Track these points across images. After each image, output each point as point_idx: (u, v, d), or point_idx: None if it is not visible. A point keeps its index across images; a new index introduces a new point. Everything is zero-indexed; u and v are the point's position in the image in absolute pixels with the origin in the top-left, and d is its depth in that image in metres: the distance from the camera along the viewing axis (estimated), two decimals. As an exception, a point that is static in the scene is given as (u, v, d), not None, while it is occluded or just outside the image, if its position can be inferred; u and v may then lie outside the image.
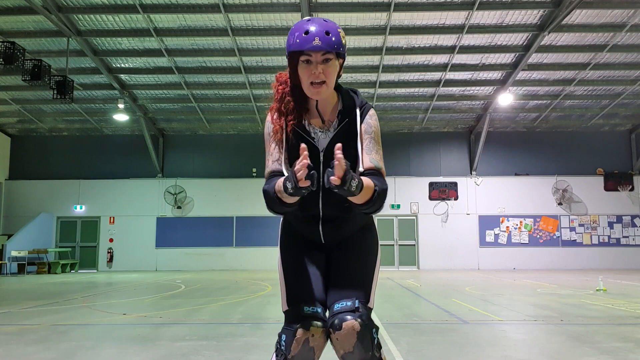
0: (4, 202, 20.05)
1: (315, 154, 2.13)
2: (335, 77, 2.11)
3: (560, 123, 20.13)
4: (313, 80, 2.04)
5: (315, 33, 1.99)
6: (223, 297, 9.64)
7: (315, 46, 1.98)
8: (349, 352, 1.98)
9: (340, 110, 2.20)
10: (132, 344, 5.13)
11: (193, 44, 15.30)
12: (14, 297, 10.05)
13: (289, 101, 2.16)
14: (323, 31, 2.00)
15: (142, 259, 19.66)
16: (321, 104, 2.16)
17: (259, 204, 19.06)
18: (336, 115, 2.19)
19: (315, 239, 2.26)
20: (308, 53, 2.01)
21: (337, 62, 2.08)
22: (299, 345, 2.00)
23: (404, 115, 19.60)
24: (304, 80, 2.06)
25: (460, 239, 19.61)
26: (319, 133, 2.18)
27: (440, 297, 9.51)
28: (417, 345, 5.00)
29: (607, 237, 19.73)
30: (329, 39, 2.00)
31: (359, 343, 1.97)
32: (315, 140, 2.17)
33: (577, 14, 13.88)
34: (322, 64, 2.02)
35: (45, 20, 13.71)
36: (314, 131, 2.19)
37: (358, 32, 14.66)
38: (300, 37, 2.00)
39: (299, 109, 2.16)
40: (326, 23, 2.04)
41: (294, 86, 2.14)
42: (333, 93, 2.18)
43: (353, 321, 1.97)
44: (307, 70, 2.03)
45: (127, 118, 18.75)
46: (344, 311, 2.01)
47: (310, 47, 1.99)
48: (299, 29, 2.03)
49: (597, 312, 7.31)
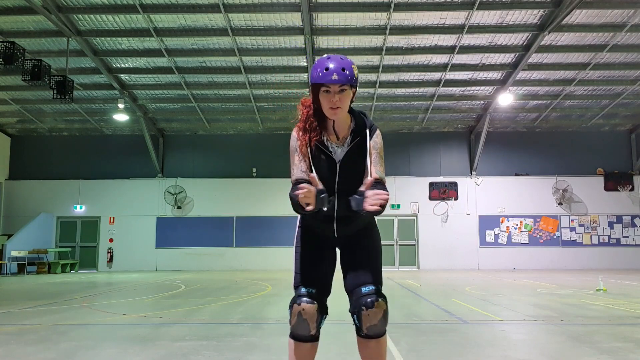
0: (4, 202, 20.06)
1: (332, 165, 2.65)
2: (349, 103, 2.60)
3: (560, 123, 20.13)
4: (331, 106, 2.53)
5: (333, 69, 2.48)
6: (223, 297, 9.64)
7: (333, 80, 2.48)
8: (374, 325, 2.59)
9: (353, 129, 2.69)
10: (132, 344, 5.13)
11: (193, 44, 15.30)
12: (14, 297, 10.05)
13: (312, 121, 2.67)
14: (340, 68, 2.48)
15: (142, 259, 19.66)
16: (337, 124, 2.67)
17: (259, 204, 19.15)
18: (349, 133, 2.68)
19: (329, 234, 2.76)
20: (327, 85, 2.50)
21: (351, 91, 2.57)
22: (294, 317, 2.63)
23: (404, 115, 19.59)
24: (324, 105, 2.56)
25: (460, 239, 19.62)
26: (335, 147, 2.69)
27: (440, 297, 9.51)
28: (417, 345, 5.00)
29: (607, 237, 19.73)
30: (344, 74, 2.48)
31: (382, 319, 2.61)
32: (333, 153, 2.67)
33: (577, 14, 13.88)
34: (338, 94, 2.51)
35: (45, 20, 13.72)
36: (331, 146, 2.69)
37: (358, 32, 14.66)
38: (322, 72, 2.50)
39: (319, 128, 2.67)
40: (342, 60, 2.52)
41: (316, 109, 2.65)
42: (347, 115, 2.67)
43: (382, 302, 2.61)
44: (326, 98, 2.53)
45: (127, 118, 18.75)
46: (372, 294, 2.60)
47: (329, 80, 2.48)
48: (320, 65, 2.52)
49: (597, 312, 7.31)
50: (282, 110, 19.14)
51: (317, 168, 2.65)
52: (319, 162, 2.64)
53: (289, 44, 15.32)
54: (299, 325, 2.62)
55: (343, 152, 2.66)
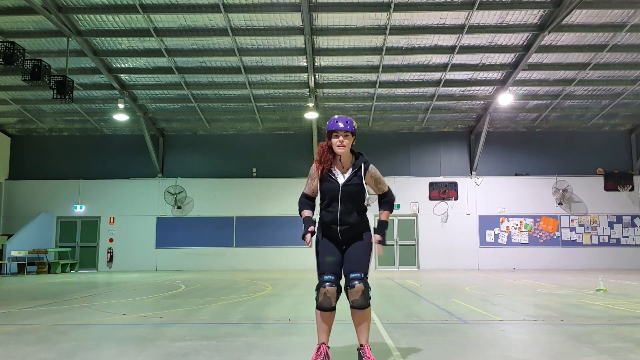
0: (4, 202, 20.06)
1: (336, 186, 4.00)
2: (351, 145, 4.01)
3: (560, 123, 20.13)
4: (338, 145, 3.96)
5: (341, 122, 3.97)
6: (223, 297, 9.64)
7: (340, 127, 3.95)
8: (355, 299, 3.88)
9: (353, 164, 4.08)
10: (132, 344, 5.13)
11: (193, 44, 15.30)
12: (14, 297, 10.05)
13: (326, 158, 4.03)
14: (345, 121, 3.97)
15: (142, 259, 19.67)
16: (342, 159, 4.04)
17: (259, 204, 19.10)
18: (350, 166, 4.07)
19: (335, 237, 4.07)
20: (337, 132, 3.96)
21: (352, 137, 4.00)
22: (321, 296, 3.91)
23: (404, 115, 19.59)
24: (334, 145, 3.98)
25: (460, 239, 19.62)
26: (340, 175, 4.05)
27: (440, 297, 9.51)
28: (417, 345, 5.00)
29: (607, 237, 19.73)
30: (347, 126, 3.96)
31: (362, 296, 3.89)
32: (338, 179, 4.03)
33: (577, 14, 13.88)
34: (343, 137, 3.95)
35: (45, 20, 13.72)
36: (337, 174, 4.05)
37: (358, 32, 14.66)
38: (333, 124, 3.98)
39: (329, 161, 4.03)
40: (347, 118, 4.01)
41: (329, 148, 4.03)
42: (349, 154, 4.07)
43: (361, 284, 3.89)
44: (336, 140, 3.97)
45: (127, 118, 18.74)
46: (356, 279, 3.91)
47: (338, 128, 3.96)
48: (332, 120, 4.01)
49: (597, 312, 7.31)
50: (282, 110, 19.14)
51: (326, 188, 4.03)
52: (328, 184, 4.02)
53: (289, 44, 15.32)
54: (324, 301, 3.90)
55: (344, 179, 4.02)
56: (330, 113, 19.19)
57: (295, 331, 5.81)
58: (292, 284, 12.67)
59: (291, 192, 19.93)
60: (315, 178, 4.04)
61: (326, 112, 19.03)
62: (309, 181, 4.10)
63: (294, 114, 19.20)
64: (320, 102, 18.36)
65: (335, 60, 16.12)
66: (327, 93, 18.07)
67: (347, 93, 18.04)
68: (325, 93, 18.06)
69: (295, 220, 19.72)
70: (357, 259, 3.98)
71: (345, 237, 4.02)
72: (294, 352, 4.71)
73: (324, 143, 4.05)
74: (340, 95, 18.19)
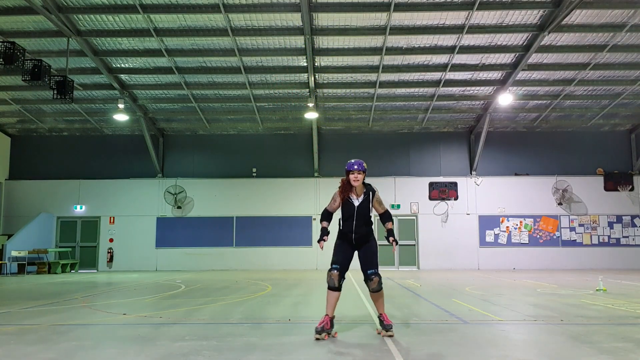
0: (4, 202, 20.06)
1: (353, 207, 5.54)
2: (363, 179, 5.55)
3: (560, 123, 20.13)
4: (354, 179, 5.50)
5: (355, 165, 5.52)
6: (223, 297, 9.64)
7: (355, 168, 5.51)
8: (374, 287, 5.48)
9: (364, 192, 5.59)
10: (132, 344, 5.13)
11: (193, 44, 15.30)
12: (14, 297, 10.05)
13: (346, 189, 5.56)
14: (358, 164, 5.53)
15: (142, 259, 19.67)
16: (357, 189, 5.56)
17: (259, 204, 19.14)
18: (362, 193, 5.58)
19: (350, 241, 5.59)
20: (353, 171, 5.51)
21: (363, 174, 5.54)
22: (328, 277, 5.47)
23: (404, 115, 19.59)
24: (351, 179, 5.52)
25: (460, 239, 19.62)
26: (355, 199, 5.57)
27: (440, 297, 9.51)
28: (417, 345, 5.00)
29: (607, 237, 19.73)
30: (360, 167, 5.52)
31: (377, 285, 5.48)
32: (354, 202, 5.56)
33: (577, 14, 13.89)
34: (357, 174, 5.50)
35: (45, 20, 13.72)
36: (353, 199, 5.57)
37: (358, 32, 14.66)
38: (351, 166, 5.53)
39: (348, 190, 5.56)
40: (360, 161, 5.57)
41: (347, 182, 5.55)
42: (362, 185, 5.57)
43: (377, 277, 5.47)
44: (352, 176, 5.51)
45: (127, 118, 18.73)
46: (373, 274, 5.46)
47: (354, 169, 5.51)
48: (350, 163, 5.55)
49: (597, 312, 7.31)
50: (282, 110, 19.13)
51: (345, 209, 5.58)
52: (347, 206, 5.57)
53: (289, 44, 15.32)
54: (330, 281, 5.45)
55: (359, 202, 5.56)
56: (330, 113, 19.19)
57: (295, 331, 5.82)
58: (292, 284, 12.67)
59: (291, 192, 19.96)
60: (337, 200, 5.62)
61: (326, 112, 19.04)
62: (331, 202, 5.68)
63: (294, 114, 19.19)
64: (320, 102, 18.36)
65: (335, 60, 16.12)
66: (327, 93, 18.07)
67: (347, 93, 18.04)
68: (325, 93, 18.05)
69: (295, 220, 19.76)
70: (370, 259, 5.52)
71: (357, 242, 5.56)
72: (294, 352, 4.72)
73: (344, 178, 5.58)
74: (340, 95, 18.19)
